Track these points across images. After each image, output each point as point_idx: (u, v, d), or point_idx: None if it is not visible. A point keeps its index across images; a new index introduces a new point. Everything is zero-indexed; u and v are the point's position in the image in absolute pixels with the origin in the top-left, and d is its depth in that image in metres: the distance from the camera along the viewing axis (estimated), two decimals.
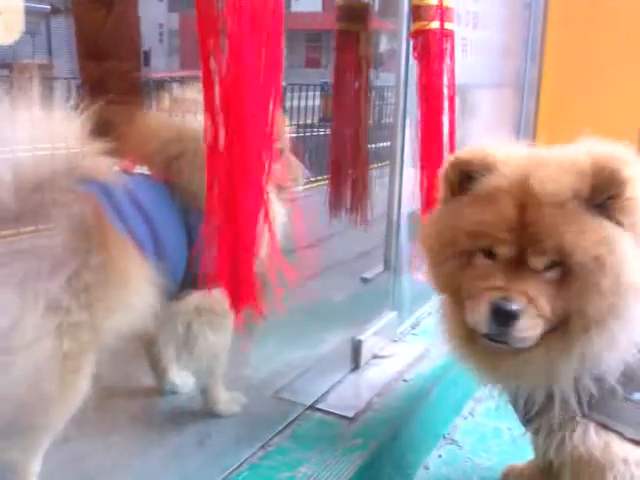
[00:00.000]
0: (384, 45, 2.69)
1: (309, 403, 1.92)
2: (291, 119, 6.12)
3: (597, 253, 1.14)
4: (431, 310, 2.75)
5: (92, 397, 1.64)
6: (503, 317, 1.14)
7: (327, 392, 2.01)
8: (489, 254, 1.20)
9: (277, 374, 2.05)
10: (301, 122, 7.08)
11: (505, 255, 1.18)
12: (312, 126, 7.26)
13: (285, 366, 2.09)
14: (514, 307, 1.13)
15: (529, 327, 1.16)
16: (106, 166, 1.32)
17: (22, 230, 1.17)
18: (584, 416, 1.31)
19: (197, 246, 1.52)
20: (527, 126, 3.86)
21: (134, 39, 1.89)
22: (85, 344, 1.26)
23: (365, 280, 2.67)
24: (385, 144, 2.59)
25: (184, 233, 1.52)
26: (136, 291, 1.35)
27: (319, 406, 1.92)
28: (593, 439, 1.29)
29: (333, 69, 2.33)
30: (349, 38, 2.27)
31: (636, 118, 3.72)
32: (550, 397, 1.32)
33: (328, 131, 2.63)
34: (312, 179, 2.60)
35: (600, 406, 1.30)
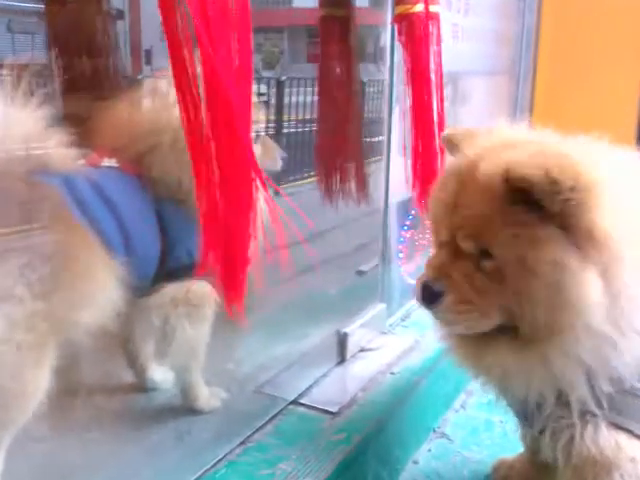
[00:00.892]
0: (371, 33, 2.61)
1: (292, 398, 1.88)
2: (295, 113, 6.02)
3: (520, 253, 1.05)
4: None
5: (68, 393, 1.63)
6: (427, 295, 1.15)
7: (311, 386, 1.96)
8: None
9: (261, 368, 2.01)
10: (306, 117, 7.01)
11: (443, 238, 1.16)
12: (313, 120, 7.17)
13: (270, 360, 2.05)
14: (435, 287, 1.13)
15: (452, 310, 1.14)
16: (68, 157, 1.27)
17: None
18: (593, 415, 1.23)
19: (171, 238, 1.49)
20: (522, 114, 3.80)
21: (105, 35, 1.84)
22: (42, 336, 1.22)
23: (361, 272, 2.63)
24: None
25: (156, 226, 1.48)
26: (99, 284, 1.31)
27: (302, 401, 1.88)
28: (605, 438, 1.21)
29: (319, 58, 2.27)
30: (333, 25, 2.21)
31: (632, 106, 3.67)
32: (558, 397, 1.24)
33: None
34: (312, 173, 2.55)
35: (612, 403, 1.22)
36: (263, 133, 1.73)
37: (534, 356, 1.14)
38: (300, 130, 6.15)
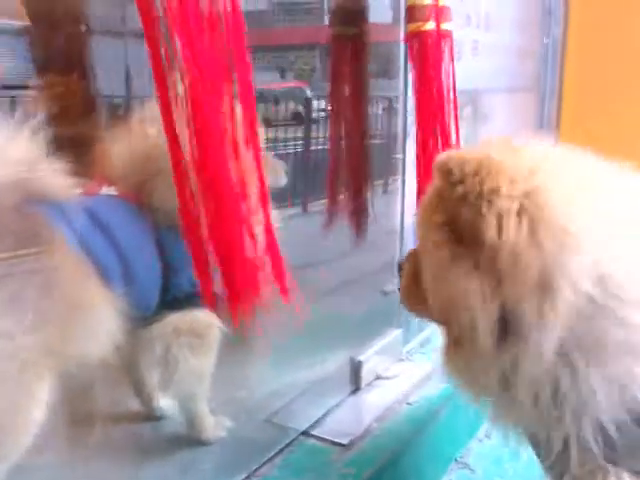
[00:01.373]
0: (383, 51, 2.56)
1: (302, 428, 1.81)
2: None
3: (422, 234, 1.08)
4: None
5: (73, 423, 1.60)
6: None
7: (323, 416, 1.90)
8: None
9: (272, 396, 1.95)
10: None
11: None
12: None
13: (281, 388, 2.00)
14: (401, 260, 1.21)
15: (400, 283, 1.19)
16: (65, 185, 1.25)
17: None
18: (615, 464, 1.14)
19: (172, 266, 1.46)
20: (549, 132, 3.71)
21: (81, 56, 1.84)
22: (35, 370, 1.18)
23: (385, 293, 2.56)
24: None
25: (157, 254, 1.45)
26: (96, 315, 1.28)
27: (313, 432, 1.82)
28: None
29: (329, 77, 2.23)
30: (344, 44, 2.17)
31: None
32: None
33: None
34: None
35: (628, 449, 1.12)
36: (292, 150, 1.71)
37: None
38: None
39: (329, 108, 2.27)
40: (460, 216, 0.98)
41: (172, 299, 1.49)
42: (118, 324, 1.32)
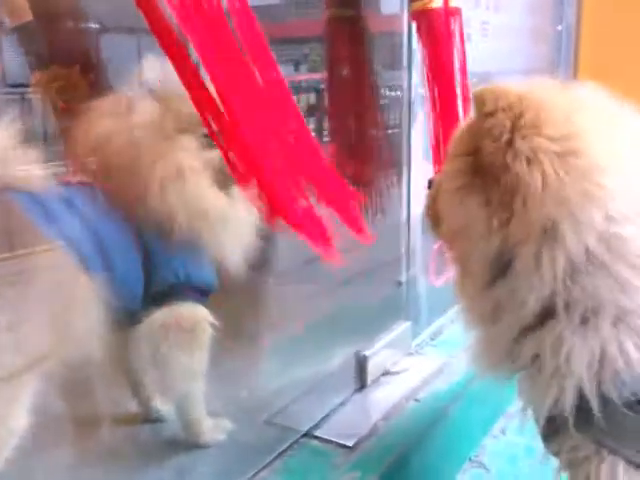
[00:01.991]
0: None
1: (305, 429, 1.72)
2: None
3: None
4: (455, 317, 2.54)
5: (67, 425, 1.53)
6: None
7: (327, 416, 1.80)
8: None
9: (274, 396, 1.86)
10: None
11: None
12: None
13: (283, 387, 1.90)
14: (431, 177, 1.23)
15: (428, 195, 1.19)
16: (37, 176, 1.17)
17: None
18: (611, 451, 1.05)
19: (154, 256, 1.39)
20: None
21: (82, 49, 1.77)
22: (12, 370, 1.11)
23: (400, 284, 2.46)
24: None
25: (137, 244, 1.37)
26: (78, 310, 1.20)
27: (316, 433, 1.72)
28: None
29: (326, 63, 2.13)
30: (341, 26, 2.06)
31: None
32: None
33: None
34: None
35: (615, 430, 1.03)
36: None
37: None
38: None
39: (328, 97, 2.16)
40: (484, 148, 0.97)
41: (156, 293, 1.41)
42: (103, 317, 1.24)
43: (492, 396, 2.18)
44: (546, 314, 0.98)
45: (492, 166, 0.96)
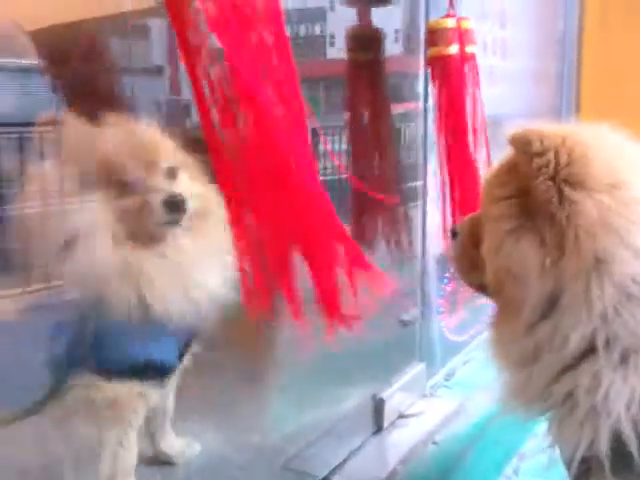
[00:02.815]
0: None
1: (323, 474, 1.70)
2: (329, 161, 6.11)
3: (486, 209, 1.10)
4: (468, 359, 2.52)
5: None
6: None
7: (345, 460, 1.78)
8: None
9: (289, 439, 1.82)
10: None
11: None
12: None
13: (299, 429, 1.87)
14: (455, 227, 1.26)
15: (455, 250, 1.21)
16: None
17: None
18: None
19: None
20: None
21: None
22: None
23: (404, 323, 2.45)
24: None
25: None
26: None
27: (334, 478, 1.70)
28: None
29: (346, 105, 2.16)
30: (361, 69, 2.10)
31: None
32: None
33: None
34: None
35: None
36: None
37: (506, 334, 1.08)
38: (335, 178, 6.07)
39: (347, 137, 2.18)
40: (532, 189, 0.98)
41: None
42: None
43: (506, 437, 2.16)
44: (585, 352, 0.97)
45: (546, 205, 0.96)
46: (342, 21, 2.31)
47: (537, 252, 0.98)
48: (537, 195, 0.98)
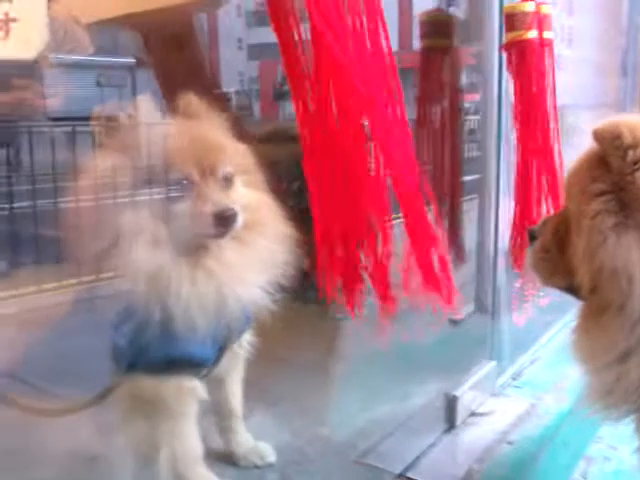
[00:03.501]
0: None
1: (398, 471, 1.65)
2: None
3: (577, 206, 1.05)
4: (535, 357, 2.45)
5: None
6: (528, 237, 1.20)
7: (419, 457, 1.73)
8: None
9: (360, 434, 1.79)
10: None
11: None
12: None
13: (369, 425, 1.83)
14: (531, 230, 1.20)
15: (535, 254, 1.17)
16: None
17: None
18: None
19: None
20: None
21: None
22: None
23: (454, 322, 2.39)
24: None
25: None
26: None
27: (409, 474, 1.65)
28: None
29: (418, 91, 2.11)
30: (436, 56, 2.04)
31: None
32: None
33: None
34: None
35: None
36: None
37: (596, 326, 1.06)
38: None
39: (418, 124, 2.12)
40: (629, 184, 0.96)
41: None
42: None
43: (575, 439, 2.08)
44: None
45: None
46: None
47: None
48: (635, 190, 0.96)
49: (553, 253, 1.13)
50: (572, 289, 1.09)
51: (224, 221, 1.27)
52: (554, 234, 1.14)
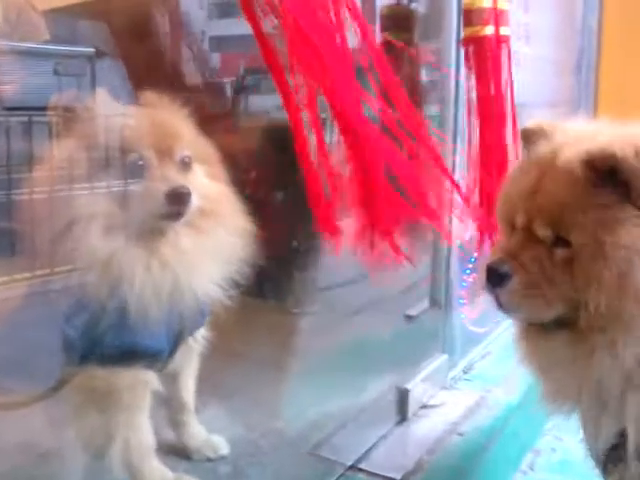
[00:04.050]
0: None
1: (350, 462, 1.66)
2: None
3: (599, 236, 1.01)
4: (486, 352, 2.49)
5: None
6: (492, 277, 1.11)
7: (370, 449, 1.75)
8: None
9: (313, 427, 1.80)
10: None
11: (518, 224, 1.12)
12: None
13: (323, 417, 1.84)
14: (502, 269, 1.10)
15: (518, 293, 1.09)
16: None
17: None
18: None
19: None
20: None
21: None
22: None
23: (409, 318, 2.42)
24: None
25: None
26: None
27: (361, 466, 1.66)
28: None
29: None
30: (395, 50, 2.04)
31: None
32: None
33: None
34: None
35: None
36: None
37: (588, 346, 1.06)
38: None
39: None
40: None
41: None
42: None
43: (524, 432, 2.14)
44: None
45: None
46: None
47: None
48: None
49: (543, 287, 1.08)
50: (564, 319, 1.08)
51: (177, 199, 1.25)
52: (541, 269, 1.08)
